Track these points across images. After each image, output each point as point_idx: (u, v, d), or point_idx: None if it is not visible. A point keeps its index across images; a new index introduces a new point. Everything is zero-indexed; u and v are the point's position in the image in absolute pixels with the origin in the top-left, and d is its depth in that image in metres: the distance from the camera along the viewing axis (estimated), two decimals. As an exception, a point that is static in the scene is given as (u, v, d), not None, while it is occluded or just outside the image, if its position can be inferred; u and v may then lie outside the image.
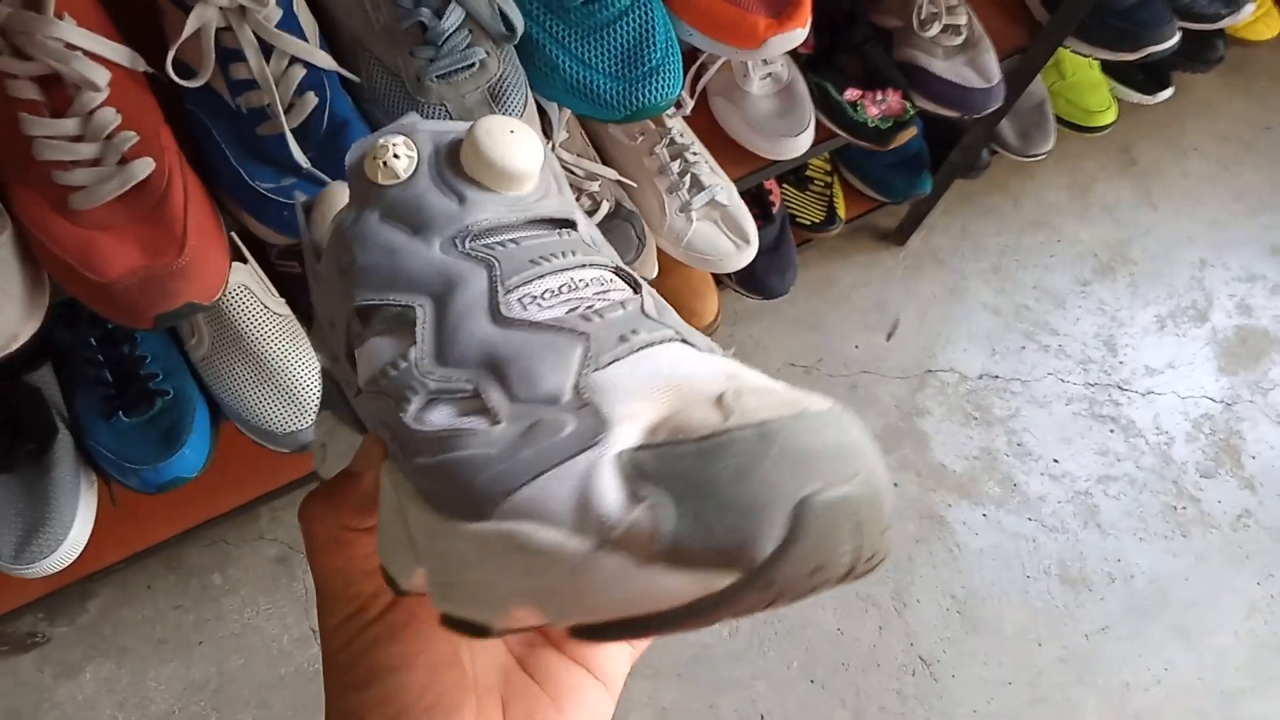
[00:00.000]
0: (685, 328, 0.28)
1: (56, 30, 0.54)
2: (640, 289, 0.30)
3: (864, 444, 0.23)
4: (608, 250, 0.32)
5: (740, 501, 0.21)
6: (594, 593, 0.22)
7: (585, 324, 0.26)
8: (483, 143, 0.30)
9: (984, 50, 1.03)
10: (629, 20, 0.65)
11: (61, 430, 0.84)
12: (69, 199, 0.55)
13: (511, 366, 0.26)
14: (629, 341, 0.26)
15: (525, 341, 0.26)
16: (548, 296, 0.28)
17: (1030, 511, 1.40)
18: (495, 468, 0.24)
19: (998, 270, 1.59)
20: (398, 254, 0.29)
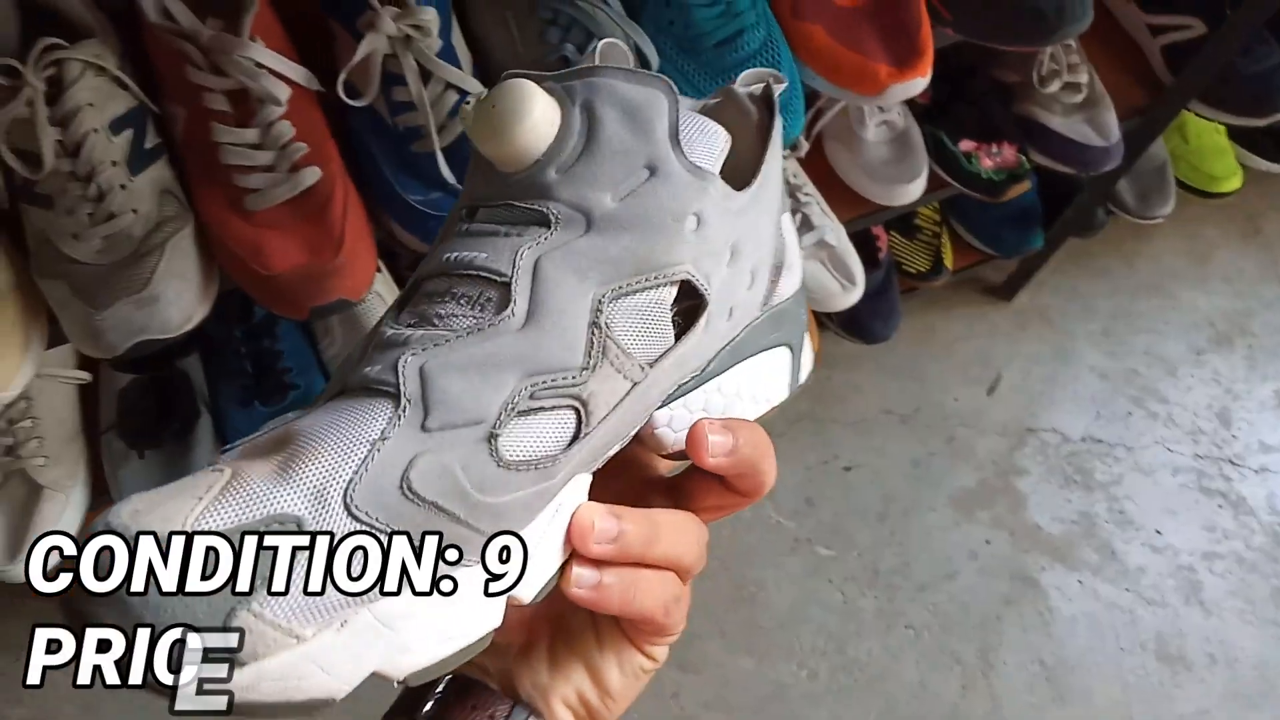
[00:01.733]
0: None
1: (249, 51, 0.61)
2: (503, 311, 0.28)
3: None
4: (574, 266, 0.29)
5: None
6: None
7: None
8: (480, 113, 0.29)
9: (1104, 109, 1.04)
10: (757, 63, 0.69)
11: (204, 413, 0.91)
12: (245, 200, 0.62)
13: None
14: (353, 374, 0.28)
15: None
16: (420, 301, 0.29)
17: (1129, 582, 1.36)
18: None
19: (1108, 333, 1.56)
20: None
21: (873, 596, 1.35)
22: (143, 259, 0.60)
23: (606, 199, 0.28)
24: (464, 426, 0.26)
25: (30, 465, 0.86)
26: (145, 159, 0.62)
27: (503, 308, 0.27)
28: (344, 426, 0.26)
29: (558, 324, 0.27)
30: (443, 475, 0.26)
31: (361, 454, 0.25)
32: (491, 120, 0.28)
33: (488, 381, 0.27)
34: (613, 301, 0.28)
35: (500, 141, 0.28)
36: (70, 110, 0.59)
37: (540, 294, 0.27)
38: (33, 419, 0.87)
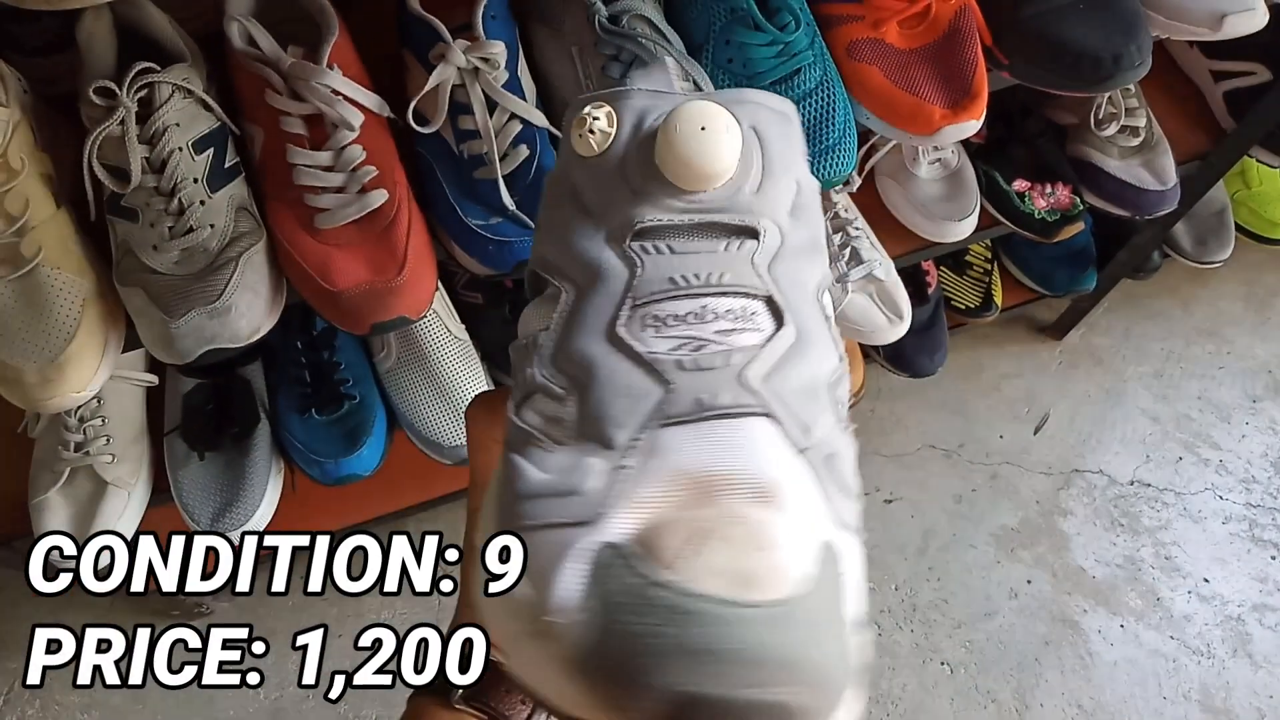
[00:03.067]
0: (812, 383, 0.27)
1: (327, 78, 0.64)
2: (782, 327, 0.28)
3: (793, 658, 0.22)
4: (795, 269, 0.29)
5: (642, 673, 0.22)
6: (520, 657, 0.25)
7: (676, 372, 0.26)
8: (672, 135, 0.28)
9: (1161, 153, 1.03)
10: (812, 101, 0.71)
11: (262, 419, 0.94)
12: (315, 218, 0.65)
13: (594, 396, 0.26)
14: (702, 408, 0.26)
15: (616, 372, 0.27)
16: (670, 322, 0.27)
17: (1174, 630, 1.34)
18: (529, 494, 0.26)
19: (1160, 376, 1.53)
20: (569, 230, 0.29)
21: (909, 631, 1.34)
22: (217, 271, 0.63)
23: (785, 210, 0.29)
24: (816, 448, 0.26)
25: (98, 462, 0.90)
26: (224, 177, 0.66)
27: (776, 320, 0.28)
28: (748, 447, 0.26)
29: (816, 330, 0.28)
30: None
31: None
32: (694, 141, 0.28)
33: (818, 401, 0.27)
34: (820, 299, 0.30)
35: (705, 160, 0.28)
36: (158, 130, 0.63)
37: (794, 302, 0.28)
38: (102, 418, 0.91)
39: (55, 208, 0.64)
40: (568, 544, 0.24)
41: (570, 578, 0.23)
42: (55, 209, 0.64)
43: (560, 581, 0.23)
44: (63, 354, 0.63)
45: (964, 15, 0.73)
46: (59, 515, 0.89)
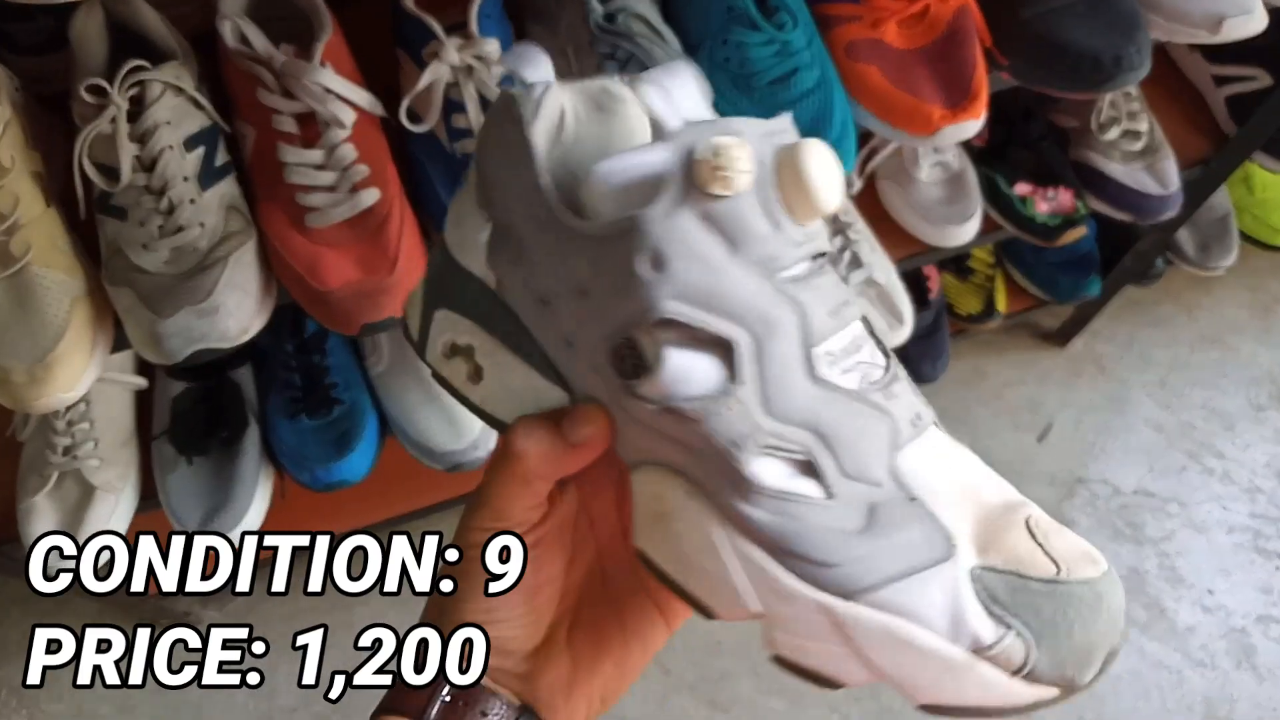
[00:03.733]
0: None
1: (319, 76, 0.63)
2: (886, 349, 0.32)
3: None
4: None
5: (1083, 647, 0.28)
6: (961, 688, 0.28)
7: (884, 401, 0.29)
8: (808, 171, 0.28)
9: (1164, 158, 1.02)
10: (810, 101, 0.70)
11: (252, 424, 0.93)
12: (305, 217, 0.64)
13: (838, 439, 0.29)
14: (916, 426, 0.30)
15: (845, 412, 0.29)
16: (841, 356, 0.30)
17: (1177, 642, 1.32)
18: (847, 555, 0.28)
19: (1164, 384, 1.52)
20: (720, 273, 0.28)
21: (910, 642, 1.33)
22: (206, 271, 0.62)
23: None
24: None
25: (85, 466, 0.89)
26: (214, 176, 0.65)
27: (869, 332, 0.32)
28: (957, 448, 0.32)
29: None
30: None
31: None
32: (825, 175, 0.29)
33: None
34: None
35: (834, 195, 0.29)
36: (149, 128, 0.62)
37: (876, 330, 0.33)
38: (90, 421, 0.90)
39: (45, 206, 0.64)
40: (946, 583, 0.28)
41: (972, 606, 0.28)
42: (45, 207, 0.64)
43: (969, 613, 0.28)
44: (51, 353, 0.62)
45: (963, 15, 0.72)
46: (46, 519, 0.88)
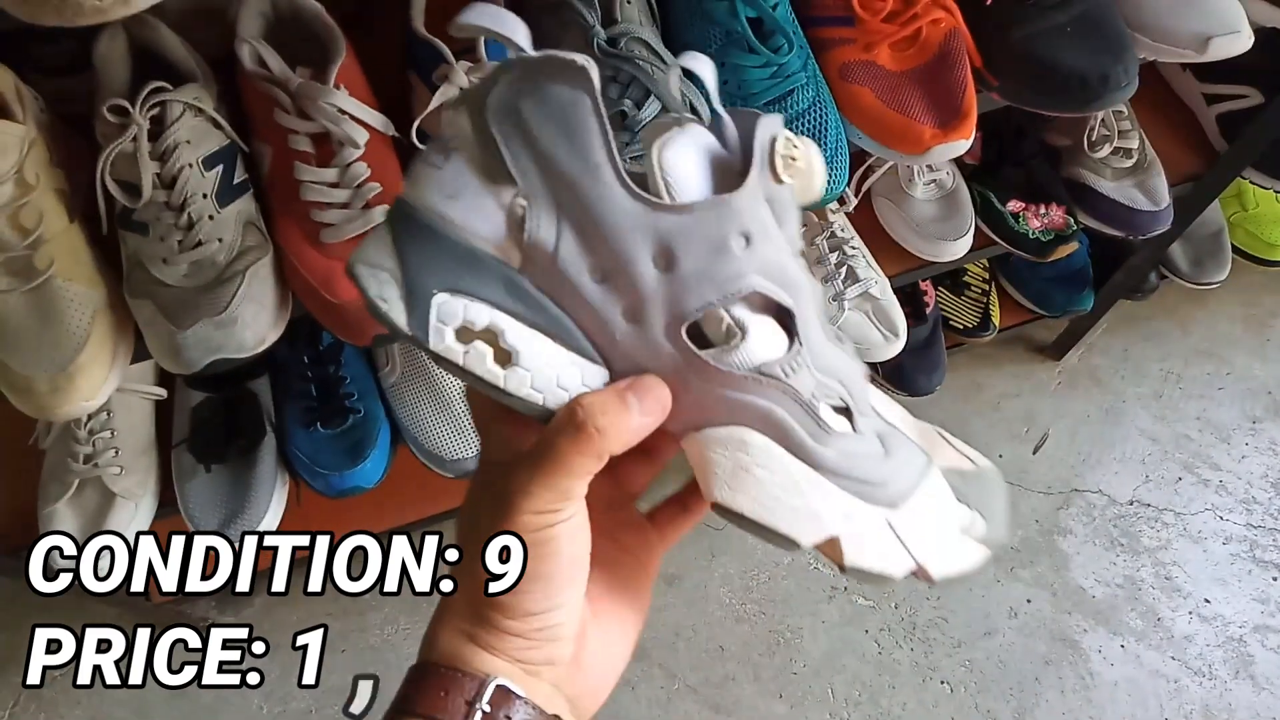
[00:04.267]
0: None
1: (333, 98, 0.66)
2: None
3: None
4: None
5: (1004, 513, 0.37)
6: (962, 559, 0.36)
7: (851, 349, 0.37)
8: (816, 166, 0.34)
9: (1154, 174, 1.05)
10: (805, 121, 0.73)
11: (268, 433, 0.96)
12: (320, 233, 0.67)
13: (851, 383, 0.36)
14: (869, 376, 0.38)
15: (848, 362, 0.36)
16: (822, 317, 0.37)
17: (1174, 650, 1.34)
18: (884, 475, 0.35)
19: (1159, 396, 1.54)
20: (781, 250, 0.33)
21: (909, 649, 1.34)
22: (224, 284, 0.65)
23: None
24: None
25: (106, 474, 0.91)
26: (232, 193, 0.68)
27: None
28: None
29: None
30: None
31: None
32: (819, 162, 0.35)
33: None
34: None
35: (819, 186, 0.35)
36: (169, 146, 0.65)
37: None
38: (111, 430, 0.92)
39: (68, 222, 0.66)
40: (938, 488, 0.36)
41: (955, 503, 0.37)
42: (68, 223, 0.66)
43: (956, 506, 0.37)
44: (73, 364, 0.64)
45: (954, 38, 0.75)
46: (67, 525, 0.91)
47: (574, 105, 0.31)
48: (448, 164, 0.33)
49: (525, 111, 0.32)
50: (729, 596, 1.39)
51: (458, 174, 0.33)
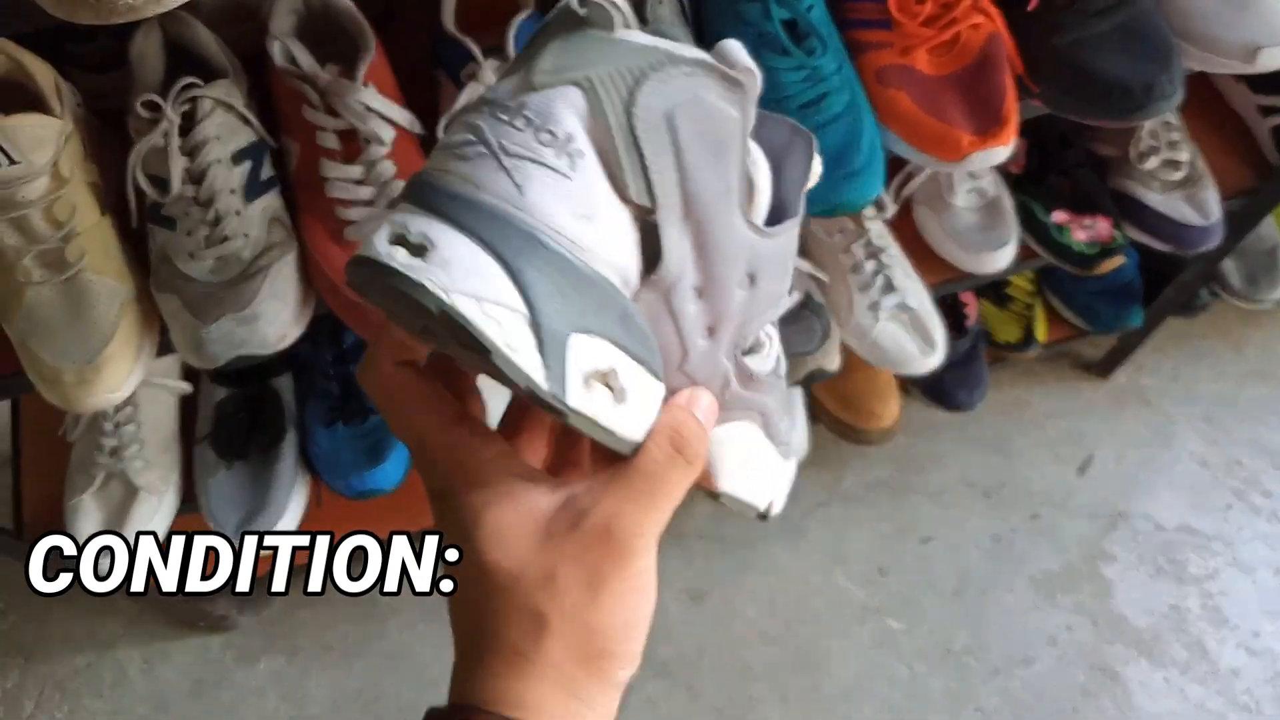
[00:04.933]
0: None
1: (361, 95, 0.66)
2: None
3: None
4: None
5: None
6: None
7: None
8: (815, 167, 0.37)
9: (1205, 188, 1.01)
10: (840, 125, 0.71)
11: (290, 431, 0.96)
12: (344, 230, 0.67)
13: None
14: None
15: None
16: None
17: (1220, 684, 1.28)
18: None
19: (1210, 420, 1.49)
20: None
21: (942, 675, 1.31)
22: (249, 280, 0.65)
23: None
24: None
25: (130, 467, 0.92)
26: (259, 189, 0.68)
27: None
28: None
29: None
30: None
31: None
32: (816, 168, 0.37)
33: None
34: None
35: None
36: (199, 142, 0.65)
37: None
38: (137, 424, 0.93)
39: (100, 215, 0.67)
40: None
41: None
42: (100, 216, 0.67)
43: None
44: (100, 356, 0.65)
45: (994, 43, 0.72)
46: (92, 518, 0.92)
47: (729, 123, 0.29)
48: (575, 173, 0.27)
49: (679, 123, 0.28)
50: (756, 614, 1.36)
51: (589, 187, 0.28)
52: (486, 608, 0.30)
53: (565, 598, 0.30)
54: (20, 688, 1.33)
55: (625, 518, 0.30)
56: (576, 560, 0.30)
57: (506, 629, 0.30)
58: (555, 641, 0.30)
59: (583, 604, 0.30)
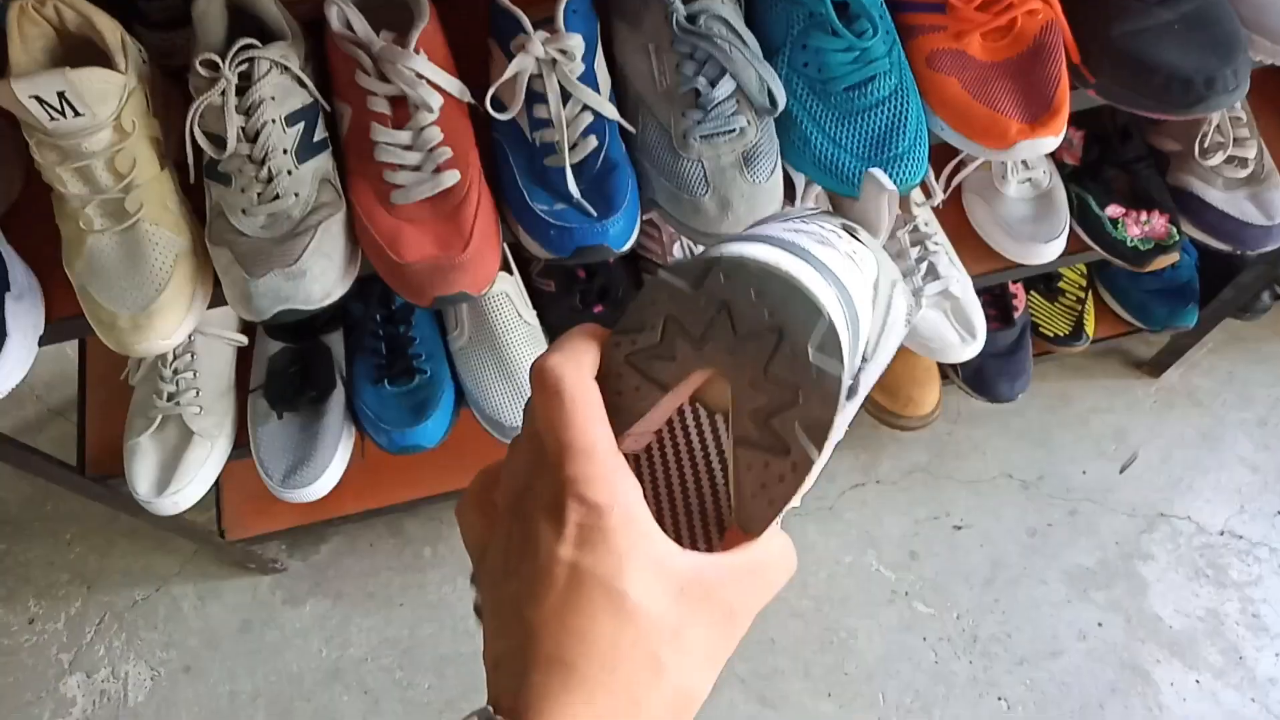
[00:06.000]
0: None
1: (412, 62, 0.67)
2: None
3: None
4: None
5: None
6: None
7: None
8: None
9: (1271, 186, 0.98)
10: (885, 109, 0.70)
11: (339, 385, 0.99)
12: (391, 194, 0.68)
13: None
14: None
15: None
16: None
17: (1255, 692, 1.26)
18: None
19: (1264, 424, 1.45)
20: None
21: (967, 662, 1.31)
22: (297, 237, 0.67)
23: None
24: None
25: (186, 412, 0.96)
26: (311, 150, 0.70)
27: None
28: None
29: None
30: None
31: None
32: None
33: None
34: None
35: None
36: (255, 102, 0.67)
37: None
38: (194, 371, 0.97)
39: (159, 169, 0.70)
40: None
41: None
42: (159, 170, 0.69)
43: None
44: (154, 304, 0.68)
45: (1050, 30, 0.71)
46: (148, 459, 0.96)
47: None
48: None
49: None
50: (785, 590, 1.36)
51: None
52: (605, 636, 0.29)
53: (687, 658, 0.30)
54: (82, 614, 1.41)
55: (748, 603, 0.31)
56: (705, 629, 0.30)
57: (623, 665, 0.29)
58: (663, 694, 0.30)
59: (695, 668, 0.30)
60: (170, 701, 1.34)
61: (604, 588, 0.29)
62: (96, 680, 1.36)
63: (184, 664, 1.36)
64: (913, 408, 1.23)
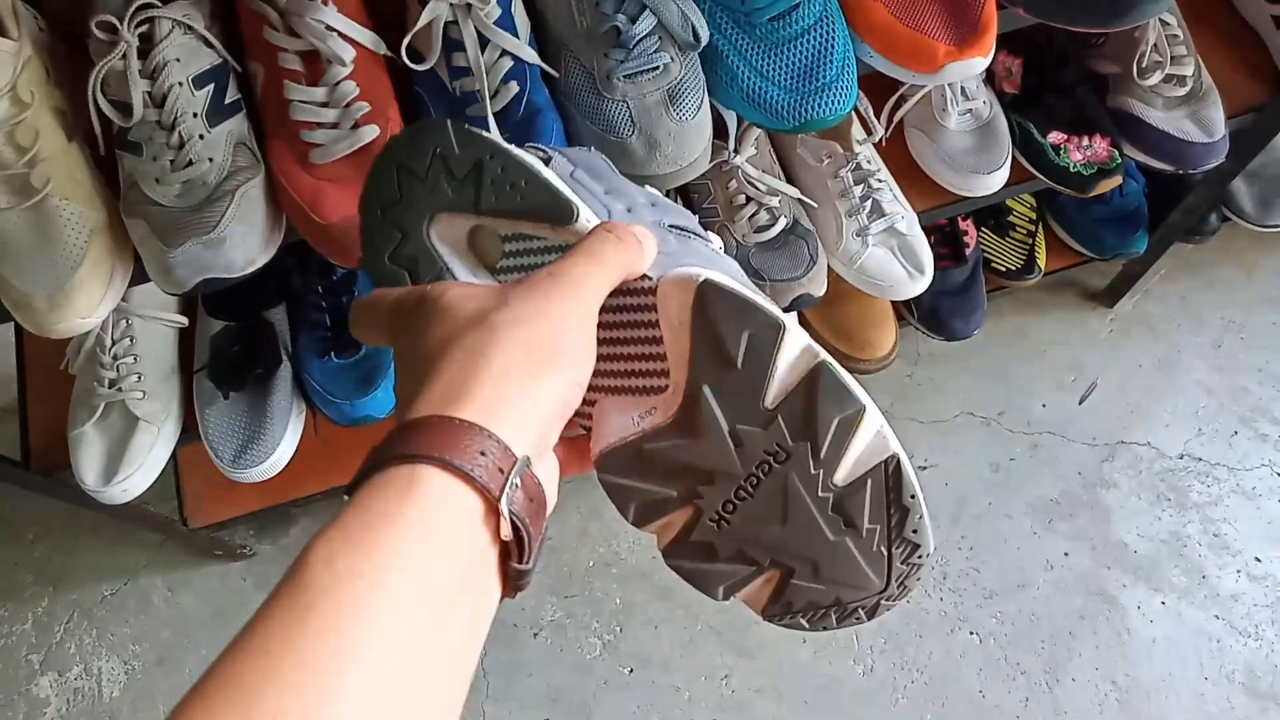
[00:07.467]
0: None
1: (321, 14, 0.65)
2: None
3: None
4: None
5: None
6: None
7: None
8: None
9: (1210, 104, 0.98)
10: (810, 38, 0.69)
11: (284, 361, 0.97)
12: (309, 154, 0.66)
13: None
14: None
15: None
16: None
17: (1219, 609, 1.29)
18: None
19: (1218, 346, 1.47)
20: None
21: (938, 599, 1.32)
22: (214, 204, 0.65)
23: None
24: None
25: (130, 398, 0.94)
26: (224, 113, 0.67)
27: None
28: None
29: None
30: None
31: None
32: None
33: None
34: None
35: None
36: (158, 64, 0.65)
37: None
38: (135, 355, 0.95)
39: (67, 141, 0.67)
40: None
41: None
42: (67, 143, 0.67)
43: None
44: (70, 281, 0.65)
45: (974, -52, 0.70)
46: (94, 448, 0.94)
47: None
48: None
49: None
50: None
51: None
52: (434, 339, 0.34)
53: (512, 310, 0.34)
54: (50, 614, 1.38)
55: (566, 266, 0.35)
56: (525, 288, 0.35)
57: (453, 348, 0.33)
58: (501, 345, 0.33)
59: (530, 314, 0.34)
60: (147, 694, 1.33)
61: (422, 322, 0.35)
62: (69, 678, 1.34)
63: (157, 656, 1.35)
64: (870, 350, 1.23)
